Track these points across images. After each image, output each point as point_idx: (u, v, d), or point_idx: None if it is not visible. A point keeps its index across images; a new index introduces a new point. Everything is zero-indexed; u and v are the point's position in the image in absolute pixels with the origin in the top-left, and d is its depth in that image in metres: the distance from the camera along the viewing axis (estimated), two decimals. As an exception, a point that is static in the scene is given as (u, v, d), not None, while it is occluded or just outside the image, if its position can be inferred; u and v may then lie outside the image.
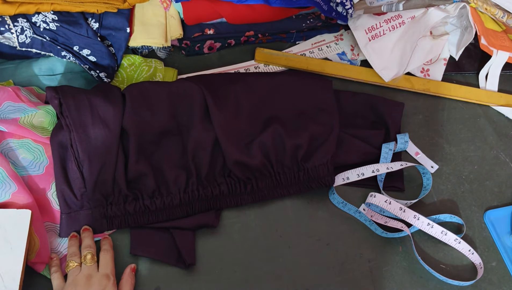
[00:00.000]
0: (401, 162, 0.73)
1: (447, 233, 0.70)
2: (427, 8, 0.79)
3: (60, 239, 0.64)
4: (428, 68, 0.85)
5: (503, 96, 0.85)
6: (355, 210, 0.71)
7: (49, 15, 0.69)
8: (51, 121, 0.66)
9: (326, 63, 0.83)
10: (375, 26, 0.80)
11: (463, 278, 0.70)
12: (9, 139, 0.63)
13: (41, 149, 0.64)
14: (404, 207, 0.70)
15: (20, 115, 0.64)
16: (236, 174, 0.68)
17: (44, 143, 0.64)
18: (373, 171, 0.72)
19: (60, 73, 0.72)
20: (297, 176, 0.71)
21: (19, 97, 0.65)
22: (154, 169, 0.67)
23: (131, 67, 0.75)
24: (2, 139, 0.63)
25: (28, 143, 0.64)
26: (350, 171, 0.72)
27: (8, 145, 0.63)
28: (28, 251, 0.60)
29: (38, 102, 0.68)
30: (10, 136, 0.63)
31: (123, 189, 0.64)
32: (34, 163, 0.63)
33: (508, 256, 0.72)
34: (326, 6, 0.75)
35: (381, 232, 0.70)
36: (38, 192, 0.63)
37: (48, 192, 0.64)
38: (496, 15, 0.82)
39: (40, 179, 0.64)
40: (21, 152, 0.63)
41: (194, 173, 0.67)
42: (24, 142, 0.63)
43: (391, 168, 0.72)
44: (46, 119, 0.66)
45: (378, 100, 0.79)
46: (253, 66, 0.81)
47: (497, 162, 0.80)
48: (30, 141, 0.64)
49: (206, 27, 0.77)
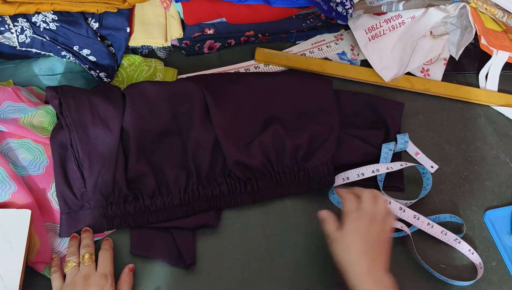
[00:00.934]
0: (401, 162, 0.73)
1: (447, 233, 0.70)
2: (427, 8, 0.79)
3: (61, 239, 0.64)
4: (428, 68, 0.85)
5: (503, 96, 0.85)
6: None
7: (49, 15, 0.69)
8: (51, 121, 0.66)
9: (326, 63, 0.83)
10: (375, 26, 0.80)
11: (463, 278, 0.70)
12: (9, 139, 0.63)
13: (41, 149, 0.64)
14: (404, 207, 0.70)
15: (20, 115, 0.64)
16: (236, 174, 0.68)
17: (44, 143, 0.64)
18: (373, 171, 0.72)
19: (60, 73, 0.72)
20: (297, 176, 0.70)
21: (19, 97, 0.65)
22: (154, 169, 0.67)
23: (131, 67, 0.75)
24: (2, 139, 0.63)
25: (28, 143, 0.64)
26: (350, 171, 0.72)
27: (8, 145, 0.63)
28: (28, 251, 0.60)
29: (38, 102, 0.68)
30: (10, 136, 0.63)
31: (123, 189, 0.64)
32: (34, 163, 0.63)
33: (508, 256, 0.72)
34: (326, 6, 0.75)
35: None
36: (38, 192, 0.63)
37: (48, 192, 0.64)
38: (496, 15, 0.82)
39: (40, 179, 0.64)
40: (21, 152, 0.63)
41: (194, 173, 0.67)
42: (24, 142, 0.63)
43: (391, 168, 0.72)
44: (46, 119, 0.66)
45: (378, 100, 0.79)
46: (253, 66, 0.81)
47: (497, 162, 0.80)
48: (30, 141, 0.64)
49: (206, 27, 0.77)
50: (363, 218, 0.60)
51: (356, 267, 0.57)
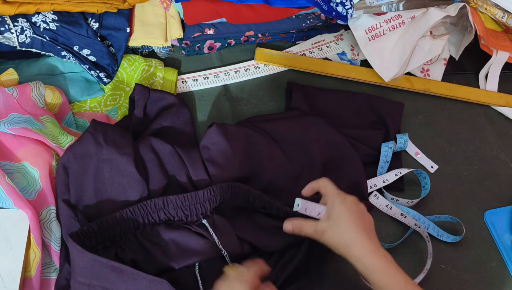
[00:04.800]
0: (395, 171, 0.72)
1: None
2: (427, 8, 0.79)
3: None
4: (428, 68, 0.85)
5: (503, 96, 0.85)
6: None
7: (49, 15, 0.69)
8: (60, 132, 0.65)
9: (326, 63, 0.83)
10: (375, 26, 0.80)
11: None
12: (5, 161, 0.62)
13: (36, 174, 0.62)
14: (406, 214, 0.70)
15: (28, 126, 0.63)
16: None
17: (47, 156, 0.63)
18: (371, 187, 0.71)
19: (60, 73, 0.72)
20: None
21: (24, 109, 0.64)
22: None
23: (131, 67, 0.75)
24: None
25: (25, 167, 0.62)
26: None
27: (5, 168, 0.61)
28: (26, 267, 0.58)
29: (45, 108, 0.67)
30: (6, 159, 0.62)
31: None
32: (26, 190, 0.61)
33: (508, 256, 0.72)
34: (326, 6, 0.75)
35: None
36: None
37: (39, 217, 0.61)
38: (496, 15, 0.82)
39: (31, 204, 0.61)
40: (16, 176, 0.61)
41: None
42: (20, 166, 0.62)
43: (387, 180, 0.72)
44: (55, 131, 0.65)
45: (378, 100, 0.79)
46: (253, 66, 0.81)
47: (497, 162, 0.80)
48: (27, 165, 0.62)
49: (206, 27, 0.77)
50: (348, 198, 0.58)
51: (359, 247, 0.55)
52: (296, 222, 0.59)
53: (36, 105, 0.66)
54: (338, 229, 0.57)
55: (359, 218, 0.57)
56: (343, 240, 0.56)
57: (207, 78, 0.80)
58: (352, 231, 0.56)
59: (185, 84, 0.78)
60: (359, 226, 0.56)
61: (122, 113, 0.73)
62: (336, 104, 0.78)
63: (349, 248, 0.56)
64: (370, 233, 0.56)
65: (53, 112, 0.69)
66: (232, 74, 0.81)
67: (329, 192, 0.59)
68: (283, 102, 0.80)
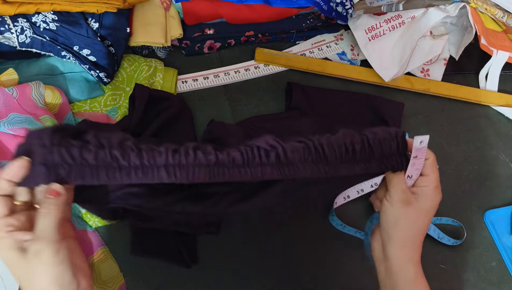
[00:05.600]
0: None
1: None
2: (427, 8, 0.79)
3: None
4: (428, 68, 0.85)
5: (503, 96, 0.85)
6: (355, 231, 0.69)
7: (49, 15, 0.69)
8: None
9: (326, 63, 0.83)
10: (375, 26, 0.80)
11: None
12: (5, 161, 0.61)
13: None
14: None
15: (28, 126, 0.63)
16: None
17: None
18: (358, 192, 0.60)
19: (60, 73, 0.72)
20: (350, 149, 0.49)
21: (24, 109, 0.64)
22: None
23: (131, 67, 0.75)
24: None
25: None
26: (350, 189, 0.61)
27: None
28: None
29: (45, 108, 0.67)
30: (6, 159, 0.61)
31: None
32: None
33: (508, 256, 0.72)
34: (326, 6, 0.75)
35: None
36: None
37: None
38: (496, 15, 0.82)
39: None
40: None
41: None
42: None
43: (376, 184, 0.59)
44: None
45: (378, 100, 0.79)
46: (253, 66, 0.81)
47: (497, 162, 0.80)
48: None
49: (206, 27, 0.77)
50: (439, 197, 0.51)
51: (407, 250, 0.50)
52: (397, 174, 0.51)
53: (36, 105, 0.66)
54: (413, 215, 0.50)
55: (426, 225, 0.52)
56: (405, 228, 0.50)
57: (207, 78, 0.80)
58: (411, 231, 0.50)
59: (185, 84, 0.78)
60: (422, 232, 0.51)
61: (122, 113, 0.73)
62: (336, 104, 0.78)
63: (394, 241, 0.50)
64: (419, 249, 0.52)
65: (53, 112, 0.69)
66: (232, 74, 0.81)
67: (432, 176, 0.51)
68: (283, 102, 0.80)
